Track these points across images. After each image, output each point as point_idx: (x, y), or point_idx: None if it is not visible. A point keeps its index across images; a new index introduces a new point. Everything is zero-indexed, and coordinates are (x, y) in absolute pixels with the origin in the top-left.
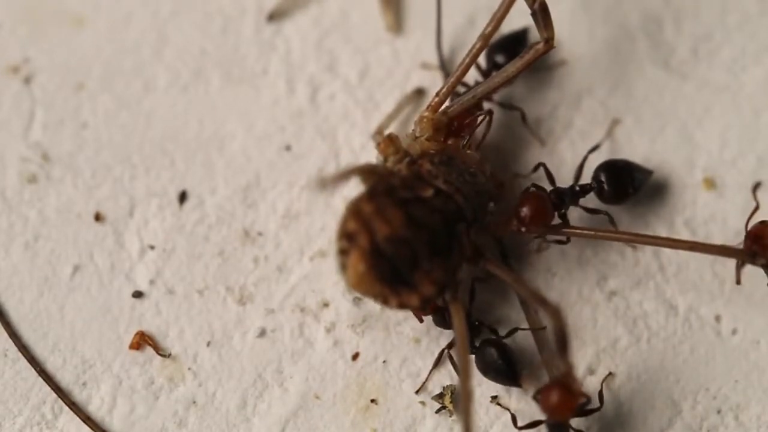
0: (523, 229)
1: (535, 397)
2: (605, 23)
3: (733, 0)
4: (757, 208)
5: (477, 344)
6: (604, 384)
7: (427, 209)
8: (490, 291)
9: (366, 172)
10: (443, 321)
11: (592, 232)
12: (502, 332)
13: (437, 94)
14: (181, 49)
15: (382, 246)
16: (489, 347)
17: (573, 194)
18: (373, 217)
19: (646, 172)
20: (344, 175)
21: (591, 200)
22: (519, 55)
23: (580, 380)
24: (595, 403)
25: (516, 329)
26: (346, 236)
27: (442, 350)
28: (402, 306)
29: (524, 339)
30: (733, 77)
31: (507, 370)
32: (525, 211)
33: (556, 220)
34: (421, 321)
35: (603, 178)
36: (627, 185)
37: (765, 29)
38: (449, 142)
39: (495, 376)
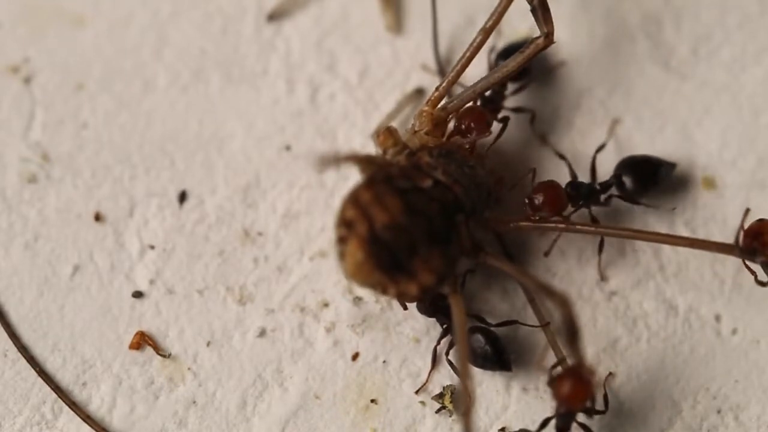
0: (536, 216)
1: (550, 384)
2: (605, 23)
3: (733, 0)
4: (748, 211)
5: None
6: (605, 384)
7: (426, 198)
8: (481, 283)
9: (364, 161)
10: (427, 309)
11: (593, 228)
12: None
13: (437, 89)
14: (181, 49)
15: (380, 233)
16: (475, 334)
17: (591, 191)
18: (371, 205)
19: (670, 166)
20: (343, 160)
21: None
22: (519, 50)
23: (591, 369)
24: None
25: (514, 322)
26: (345, 224)
27: (435, 347)
28: (401, 295)
29: (516, 330)
30: (733, 77)
31: (494, 354)
32: (539, 197)
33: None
34: (405, 308)
35: (625, 175)
36: (649, 180)
37: (765, 29)
38: (452, 139)
39: (483, 362)
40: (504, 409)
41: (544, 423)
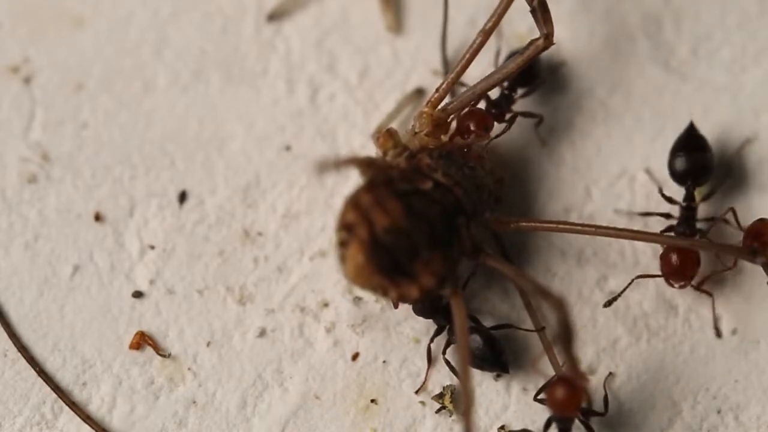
0: (676, 286)
1: (536, 398)
2: (605, 23)
3: (733, 0)
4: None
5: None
6: (605, 385)
7: (426, 201)
8: (481, 284)
9: (364, 164)
10: (423, 310)
11: (593, 228)
12: (489, 325)
13: (437, 90)
14: (181, 49)
15: (381, 237)
16: (473, 334)
17: (690, 207)
18: (372, 208)
19: (691, 127)
20: (342, 164)
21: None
22: (519, 52)
23: (585, 374)
24: (597, 405)
25: (509, 326)
26: (345, 227)
27: (429, 345)
28: (402, 298)
29: (515, 330)
30: (733, 77)
31: (492, 355)
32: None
33: None
34: (396, 307)
35: (679, 165)
36: (704, 158)
37: (765, 29)
38: (454, 140)
39: (480, 363)
40: (504, 409)
41: (548, 423)
